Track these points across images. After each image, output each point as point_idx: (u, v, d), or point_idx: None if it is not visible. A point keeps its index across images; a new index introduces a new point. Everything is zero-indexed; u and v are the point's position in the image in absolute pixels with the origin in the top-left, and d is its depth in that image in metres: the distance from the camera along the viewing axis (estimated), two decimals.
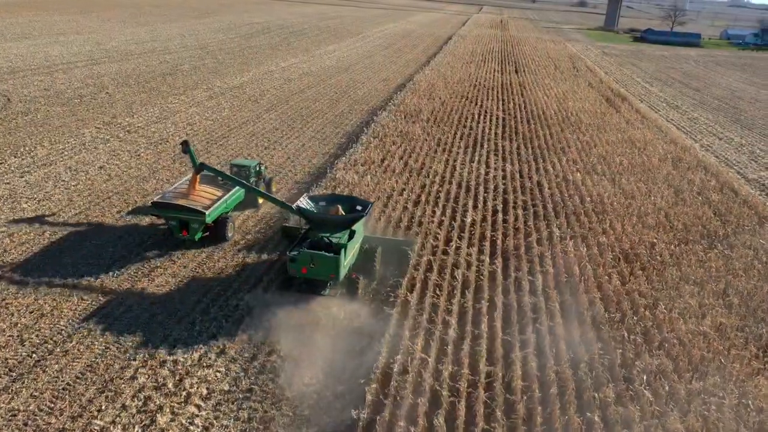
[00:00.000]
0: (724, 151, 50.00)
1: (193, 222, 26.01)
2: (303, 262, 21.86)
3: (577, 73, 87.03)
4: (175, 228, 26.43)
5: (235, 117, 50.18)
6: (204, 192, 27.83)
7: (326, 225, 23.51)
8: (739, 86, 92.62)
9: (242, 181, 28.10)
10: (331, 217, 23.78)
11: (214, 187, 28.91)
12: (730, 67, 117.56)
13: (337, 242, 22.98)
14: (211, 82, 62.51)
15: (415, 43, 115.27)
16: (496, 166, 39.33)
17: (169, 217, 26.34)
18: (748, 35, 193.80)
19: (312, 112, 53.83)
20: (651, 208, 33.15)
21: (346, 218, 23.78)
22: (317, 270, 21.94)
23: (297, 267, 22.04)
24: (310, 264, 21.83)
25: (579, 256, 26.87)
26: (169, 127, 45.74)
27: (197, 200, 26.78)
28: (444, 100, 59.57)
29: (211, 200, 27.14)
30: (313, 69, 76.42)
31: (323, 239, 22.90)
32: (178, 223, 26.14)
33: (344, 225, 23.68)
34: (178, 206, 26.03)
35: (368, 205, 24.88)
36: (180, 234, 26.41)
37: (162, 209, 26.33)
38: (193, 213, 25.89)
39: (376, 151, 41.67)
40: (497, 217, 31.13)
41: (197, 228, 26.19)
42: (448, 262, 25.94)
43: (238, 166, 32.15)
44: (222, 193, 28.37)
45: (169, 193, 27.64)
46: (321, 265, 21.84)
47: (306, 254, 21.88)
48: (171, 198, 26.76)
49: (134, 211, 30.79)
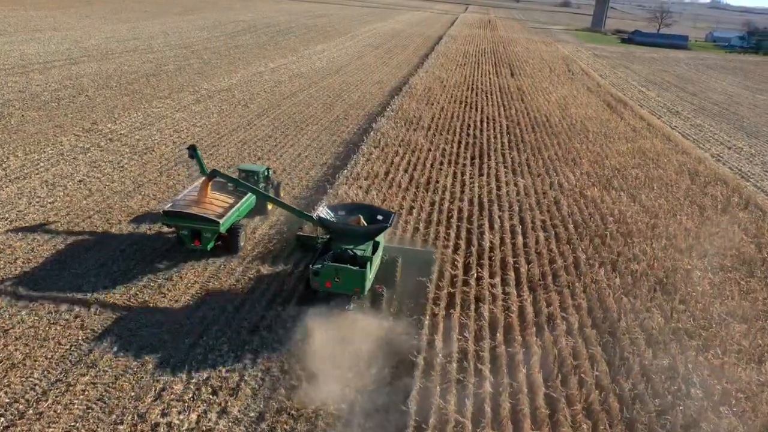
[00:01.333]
0: (736, 162, 48.15)
1: (206, 231, 24.88)
2: (327, 275, 21.03)
3: (573, 76, 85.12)
4: (186, 238, 25.24)
5: (225, 123, 47.17)
6: (216, 199, 26.49)
7: (350, 236, 22.58)
8: (735, 91, 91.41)
9: (259, 190, 27.60)
10: (356, 228, 22.91)
11: (224, 193, 27.58)
12: (721, 71, 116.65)
13: (362, 255, 21.97)
14: (197, 85, 59.31)
15: (405, 43, 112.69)
16: (507, 180, 36.89)
17: (180, 227, 25.10)
18: (733, 38, 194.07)
19: (306, 117, 50.99)
20: (678, 228, 30.94)
21: (370, 229, 22.95)
22: (342, 284, 21.12)
23: (321, 281, 21.15)
24: (335, 278, 21.00)
25: (612, 286, 24.51)
26: (155, 134, 42.62)
27: (210, 208, 25.67)
28: (443, 105, 57.09)
29: (223, 208, 26.06)
30: (303, 70, 73.47)
31: (347, 252, 21.94)
32: (190, 232, 24.99)
33: (368, 236, 22.86)
34: (191, 215, 24.86)
35: (390, 215, 23.97)
36: (192, 244, 25.25)
37: (173, 218, 25.04)
38: (207, 222, 24.76)
39: (378, 163, 39.06)
40: (517, 240, 28.66)
41: (210, 238, 25.11)
42: (470, 295, 23.40)
43: (246, 172, 30.46)
44: (234, 201, 27.00)
45: (179, 201, 26.08)
46: (346, 278, 21.02)
47: (331, 268, 20.99)
48: (182, 206, 25.47)
49: (138, 219, 29.06)
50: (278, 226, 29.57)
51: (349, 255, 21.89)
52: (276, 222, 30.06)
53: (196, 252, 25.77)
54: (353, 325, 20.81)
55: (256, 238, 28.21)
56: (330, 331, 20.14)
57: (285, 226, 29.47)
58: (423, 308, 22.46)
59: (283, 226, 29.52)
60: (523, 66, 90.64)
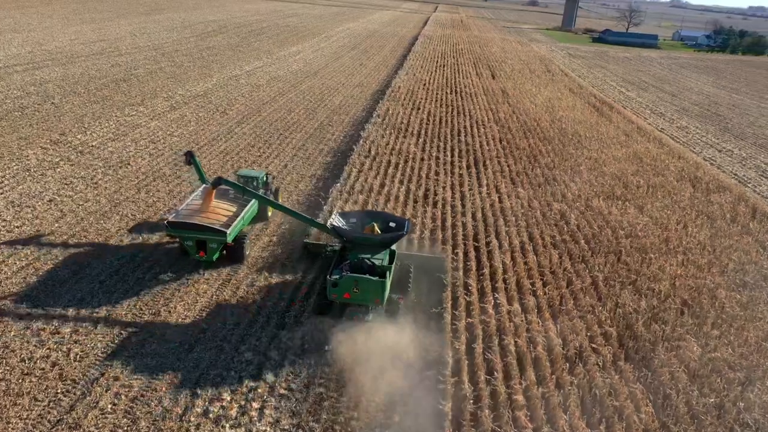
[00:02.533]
0: (730, 166, 47.42)
1: (212, 242, 23.94)
2: (346, 286, 20.48)
3: (553, 78, 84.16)
4: (191, 249, 24.19)
5: (204, 132, 44.50)
6: (219, 208, 25.51)
7: (366, 245, 22.13)
8: (712, 91, 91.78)
9: (270, 199, 26.88)
10: (373, 237, 22.45)
11: (227, 201, 26.41)
12: (694, 70, 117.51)
13: (381, 265, 21.42)
14: (171, 90, 56.31)
15: (381, 43, 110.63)
16: (508, 192, 35.17)
17: (185, 237, 24.05)
18: (700, 37, 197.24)
19: (288, 124, 48.60)
20: (691, 242, 29.61)
21: (386, 238, 22.48)
22: (361, 295, 20.58)
23: (339, 292, 20.59)
24: (354, 289, 20.47)
25: (638, 310, 22.92)
26: (129, 145, 39.77)
27: (215, 218, 24.77)
28: (429, 109, 55.25)
29: (228, 217, 25.20)
30: (280, 73, 70.85)
31: (365, 261, 21.29)
32: (195, 243, 23.99)
33: (384, 245, 22.47)
34: (196, 225, 23.89)
35: (404, 223, 23.66)
36: (196, 255, 24.22)
37: (178, 229, 24.00)
38: (213, 233, 23.81)
39: (372, 174, 37.01)
40: (529, 259, 26.92)
41: (216, 248, 24.13)
42: (491, 326, 21.52)
43: (245, 178, 29.33)
44: (237, 209, 26.06)
45: (182, 211, 25.04)
46: (365, 289, 20.49)
47: (350, 279, 20.43)
48: (186, 216, 24.52)
49: (136, 228, 27.97)
50: (281, 233, 28.81)
51: (368, 265, 21.20)
52: (278, 229, 29.30)
53: (200, 263, 24.71)
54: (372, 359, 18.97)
55: (259, 245, 27.41)
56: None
57: (288, 232, 28.76)
58: (443, 342, 20.50)
59: (286, 232, 28.81)
60: (502, 67, 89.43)
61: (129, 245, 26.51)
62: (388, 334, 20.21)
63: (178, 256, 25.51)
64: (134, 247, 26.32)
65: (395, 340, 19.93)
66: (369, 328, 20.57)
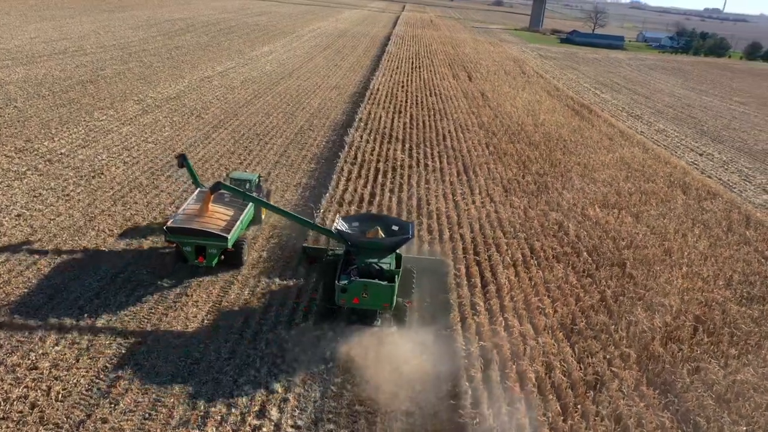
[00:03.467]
0: (713, 170, 47.44)
1: (212, 247, 23.56)
2: (355, 292, 20.23)
3: (529, 80, 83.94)
4: (190, 254, 23.70)
5: (179, 137, 42.40)
6: (217, 213, 25.23)
7: (372, 250, 21.91)
8: (682, 93, 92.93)
9: (271, 204, 26.69)
10: (380, 241, 22.28)
11: (223, 205, 26.07)
12: (662, 72, 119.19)
13: (389, 269, 21.27)
14: (142, 92, 53.83)
15: (354, 44, 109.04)
16: (502, 201, 34.16)
17: (184, 243, 23.53)
18: (663, 38, 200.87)
19: (267, 129, 46.81)
20: (692, 252, 29.08)
21: (393, 241, 22.38)
22: (370, 300, 20.35)
23: (348, 297, 20.33)
24: (363, 294, 20.24)
25: (652, 329, 22.09)
26: (101, 153, 37.50)
27: (214, 223, 24.44)
28: (411, 113, 54.05)
29: (226, 222, 24.93)
30: (254, 74, 68.75)
31: (372, 266, 21.02)
32: (194, 249, 23.52)
33: (391, 249, 22.32)
34: (196, 231, 23.53)
35: (408, 226, 23.49)
36: (195, 260, 23.77)
37: (177, 234, 23.52)
38: (214, 238, 23.49)
39: (360, 183, 35.66)
40: (533, 274, 25.92)
41: (215, 254, 23.75)
42: (504, 350, 20.37)
43: (238, 181, 28.61)
44: (235, 213, 25.83)
45: (179, 216, 24.59)
46: (375, 294, 20.25)
47: (359, 284, 20.20)
48: (185, 222, 24.12)
49: (127, 233, 27.20)
50: (277, 237, 28.29)
51: (376, 269, 20.94)
52: (272, 231, 28.77)
53: (199, 268, 24.25)
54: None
55: (256, 248, 26.87)
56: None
57: (284, 236, 28.25)
58: (457, 371, 19.27)
59: (282, 236, 28.29)
60: (477, 68, 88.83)
61: (114, 257, 24.57)
62: (399, 356, 19.38)
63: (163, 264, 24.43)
64: (124, 257, 24.41)
65: (410, 368, 18.83)
66: (379, 349, 19.73)
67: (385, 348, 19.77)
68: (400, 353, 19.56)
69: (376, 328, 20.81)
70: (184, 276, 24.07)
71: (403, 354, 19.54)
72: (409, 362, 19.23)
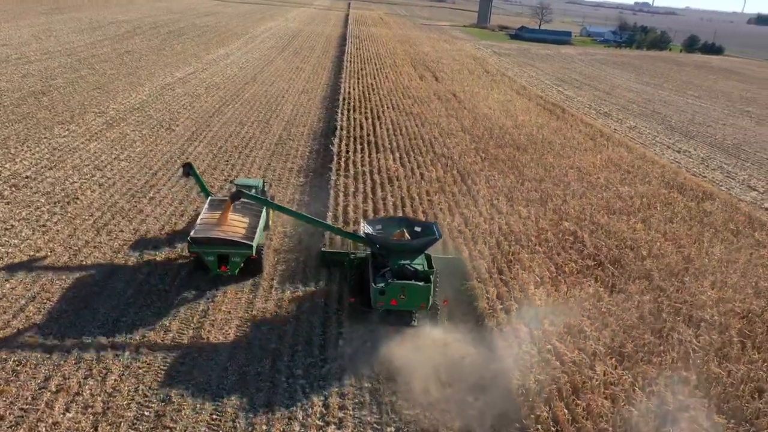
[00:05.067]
0: (696, 168, 47.74)
1: (235, 256, 23.53)
2: (393, 293, 20.88)
3: (494, 79, 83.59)
4: (212, 264, 23.56)
5: (154, 153, 39.40)
6: (235, 221, 25.25)
7: (403, 251, 22.28)
8: (639, 87, 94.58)
9: (293, 210, 27.22)
10: (409, 243, 22.70)
11: (237, 213, 25.99)
12: (614, 67, 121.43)
13: (424, 270, 21.79)
14: (102, 103, 50.15)
15: (310, 44, 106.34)
16: (509, 211, 32.93)
17: (206, 253, 23.43)
18: (607, 32, 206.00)
19: (245, 140, 44.25)
20: (712, 259, 28.57)
21: (422, 243, 22.74)
22: (408, 301, 21.03)
23: (386, 299, 20.96)
24: (401, 295, 20.85)
25: (704, 347, 21.23)
26: (72, 174, 34.28)
27: (236, 231, 24.57)
28: (391, 117, 52.35)
29: (245, 229, 25.08)
30: (216, 80, 65.57)
31: (407, 267, 21.47)
32: (216, 258, 23.42)
33: (420, 250, 22.72)
34: (220, 240, 23.55)
35: (432, 226, 23.90)
36: (218, 270, 23.69)
37: (201, 245, 23.44)
38: (239, 246, 23.56)
39: (359, 198, 33.81)
40: (562, 292, 24.71)
41: (239, 262, 23.76)
42: (563, 382, 19.02)
43: (243, 186, 27.96)
44: (250, 220, 25.92)
45: (199, 226, 24.46)
46: (413, 295, 20.93)
47: (397, 285, 20.84)
48: (207, 231, 24.09)
49: (137, 245, 26.78)
50: (288, 240, 28.47)
51: (410, 271, 21.39)
52: (283, 237, 28.78)
53: (219, 278, 24.14)
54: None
55: (270, 255, 26.78)
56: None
57: (296, 241, 28.37)
58: (518, 408, 17.82)
59: (294, 241, 28.38)
60: (441, 68, 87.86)
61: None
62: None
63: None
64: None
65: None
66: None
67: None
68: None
69: (413, 328, 21.54)
70: (205, 287, 23.77)
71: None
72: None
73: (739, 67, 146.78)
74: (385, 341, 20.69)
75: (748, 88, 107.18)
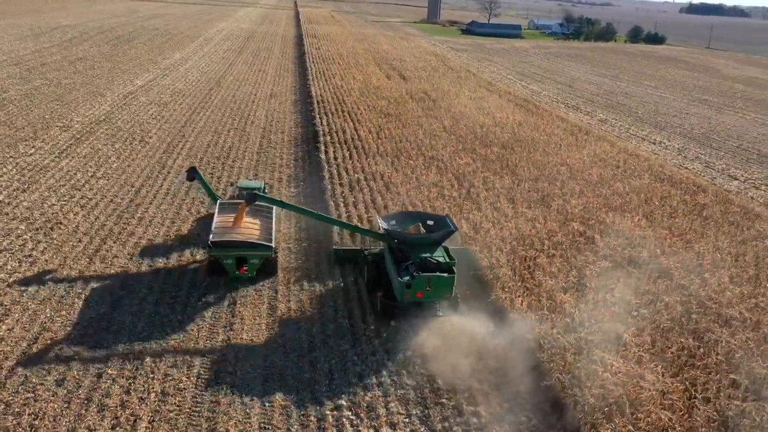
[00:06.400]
0: (676, 159, 48.49)
1: (254, 257, 24.22)
2: (419, 286, 21.70)
3: (459, 76, 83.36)
4: (231, 267, 24.11)
5: (132, 169, 37.14)
6: (249, 223, 25.93)
7: (422, 245, 23.17)
8: (598, 80, 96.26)
9: (311, 210, 26.83)
10: (428, 237, 23.80)
11: (248, 216, 26.34)
12: (569, 59, 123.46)
13: (446, 261, 22.68)
14: (64, 116, 47.18)
15: (267, 45, 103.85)
16: (515, 214, 32.31)
17: (225, 256, 23.94)
18: (554, 25, 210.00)
19: (224, 150, 42.37)
20: (726, 257, 28.56)
21: (440, 235, 23.66)
22: (434, 292, 21.94)
23: (413, 292, 21.76)
24: (426, 287, 21.72)
25: (741, 346, 21.06)
26: (48, 196, 31.85)
27: (253, 233, 25.37)
28: (371, 119, 51.10)
29: (260, 230, 25.81)
30: (180, 86, 62.91)
31: (429, 260, 22.35)
32: (235, 260, 24.02)
33: (437, 243, 23.57)
34: (240, 242, 24.23)
35: (445, 219, 24.99)
36: (237, 272, 24.25)
37: (221, 248, 24.02)
38: (259, 248, 24.35)
39: (361, 208, 32.57)
40: (589, 297, 24.23)
41: (257, 263, 24.39)
42: (616, 396, 18.44)
43: (246, 189, 29.65)
44: (261, 221, 26.65)
45: (217, 230, 25.04)
46: (438, 286, 21.84)
47: (423, 278, 21.67)
48: (226, 234, 24.74)
49: (145, 252, 26.68)
50: (293, 239, 29.08)
51: (433, 263, 22.26)
52: (288, 234, 29.46)
53: (236, 280, 24.46)
54: None
55: (281, 255, 27.00)
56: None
57: (303, 239, 29.03)
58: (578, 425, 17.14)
59: (300, 240, 28.99)
60: (405, 66, 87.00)
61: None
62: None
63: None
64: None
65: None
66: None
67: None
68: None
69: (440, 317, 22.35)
70: (224, 291, 23.97)
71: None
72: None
73: (683, 55, 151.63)
74: (414, 333, 21.45)
75: (697, 76, 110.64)
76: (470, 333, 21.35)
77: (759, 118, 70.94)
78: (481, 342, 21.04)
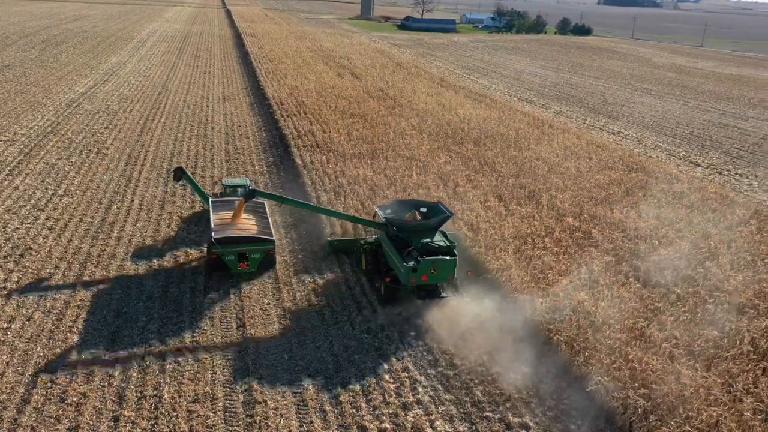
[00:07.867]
0: (638, 148, 49.65)
1: (256, 252, 24.57)
2: (424, 270, 22.56)
3: (410, 72, 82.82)
4: (232, 262, 24.34)
5: (96, 184, 34.51)
6: (246, 220, 26.26)
7: (421, 231, 24.13)
8: (541, 72, 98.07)
9: (309, 203, 28.06)
10: (427, 223, 24.64)
11: (245, 213, 26.65)
12: (508, 52, 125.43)
13: (446, 245, 23.78)
14: (5, 129, 43.52)
15: (207, 46, 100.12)
16: (509, 212, 31.94)
17: (227, 253, 24.10)
18: (486, 19, 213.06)
19: (191, 158, 40.24)
20: (720, 247, 29.07)
21: (438, 221, 24.63)
22: (438, 274, 22.87)
23: (418, 276, 22.54)
24: (431, 270, 22.62)
25: (764, 335, 21.39)
26: (9, 219, 29.04)
27: (253, 228, 25.68)
28: (338, 121, 49.66)
29: (258, 225, 26.19)
30: (125, 92, 59.46)
31: (430, 245, 23.43)
32: (236, 256, 24.27)
33: (435, 228, 24.56)
34: (242, 238, 24.56)
35: (438, 206, 25.79)
36: (238, 267, 24.50)
37: (224, 245, 24.14)
38: (261, 243, 24.76)
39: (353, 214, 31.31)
40: (602, 295, 24.11)
41: (259, 258, 24.75)
42: (668, 400, 18.23)
43: (231, 186, 30.54)
44: (256, 216, 26.95)
45: (217, 227, 25.13)
46: (442, 269, 22.82)
47: (428, 262, 22.60)
48: (228, 231, 24.94)
49: (139, 254, 26.50)
50: (287, 232, 29.65)
51: (434, 247, 23.38)
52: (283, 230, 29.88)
53: (237, 275, 24.74)
54: None
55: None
56: None
57: (296, 232, 29.57)
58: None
59: (291, 233, 29.52)
60: (354, 64, 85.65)
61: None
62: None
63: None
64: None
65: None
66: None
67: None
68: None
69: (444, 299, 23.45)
70: (227, 286, 24.25)
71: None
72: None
73: (612, 46, 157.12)
74: (422, 318, 22.50)
75: (631, 66, 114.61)
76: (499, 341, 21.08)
77: (700, 104, 73.99)
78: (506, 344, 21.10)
